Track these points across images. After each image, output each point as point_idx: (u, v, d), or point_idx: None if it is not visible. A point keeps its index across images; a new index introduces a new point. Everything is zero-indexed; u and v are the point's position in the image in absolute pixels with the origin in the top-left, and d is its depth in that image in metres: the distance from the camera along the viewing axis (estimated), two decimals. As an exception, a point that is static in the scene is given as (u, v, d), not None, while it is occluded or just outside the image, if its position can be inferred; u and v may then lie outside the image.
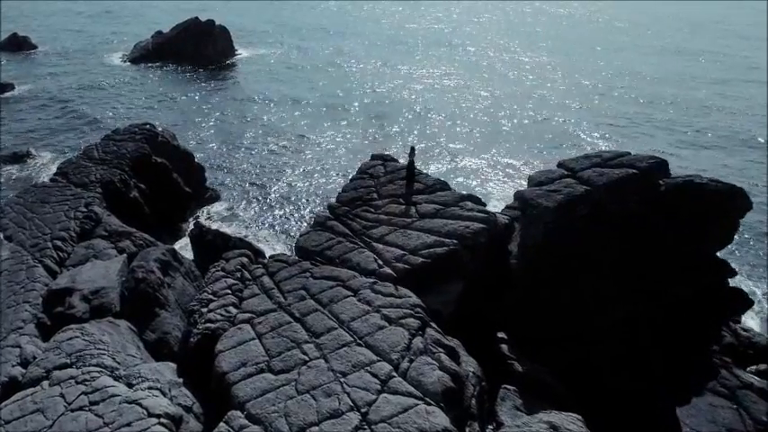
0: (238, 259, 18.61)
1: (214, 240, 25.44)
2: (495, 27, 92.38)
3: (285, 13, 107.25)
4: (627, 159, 14.75)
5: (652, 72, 61.76)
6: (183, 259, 22.66)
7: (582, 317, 14.39)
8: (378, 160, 19.81)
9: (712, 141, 41.42)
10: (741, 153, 39.28)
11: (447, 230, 15.30)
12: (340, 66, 67.17)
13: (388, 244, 15.90)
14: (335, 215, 17.98)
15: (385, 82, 58.95)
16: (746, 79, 57.71)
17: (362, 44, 79.41)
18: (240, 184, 34.50)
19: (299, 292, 15.69)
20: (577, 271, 14.28)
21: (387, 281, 14.73)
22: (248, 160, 37.99)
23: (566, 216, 14.21)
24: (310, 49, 75.95)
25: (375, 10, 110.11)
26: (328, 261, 16.34)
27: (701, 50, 72.45)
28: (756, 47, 73.07)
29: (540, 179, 15.45)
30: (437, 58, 70.32)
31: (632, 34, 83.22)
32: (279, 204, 31.65)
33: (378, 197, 17.91)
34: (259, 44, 77.43)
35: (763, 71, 60.53)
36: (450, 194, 16.84)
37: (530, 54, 71.24)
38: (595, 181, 14.37)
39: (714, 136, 42.05)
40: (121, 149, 29.70)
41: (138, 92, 53.98)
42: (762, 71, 60.82)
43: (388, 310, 13.75)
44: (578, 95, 53.08)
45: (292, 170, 36.37)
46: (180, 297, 21.11)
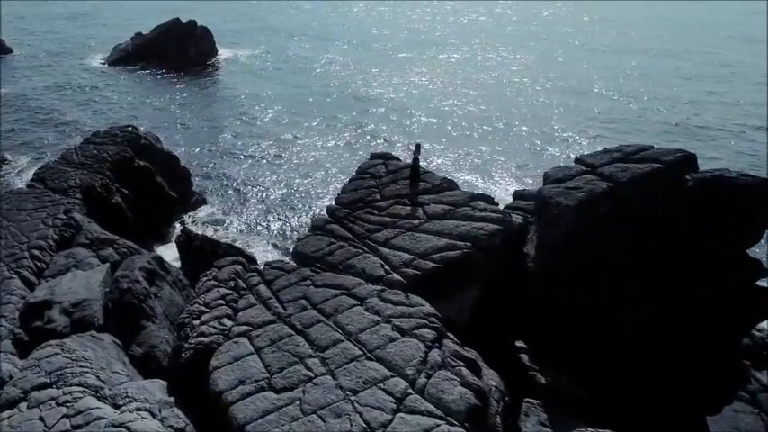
0: (231, 267, 17.43)
1: (202, 246, 24.24)
2: (478, 27, 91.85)
3: (265, 13, 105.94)
4: (651, 153, 13.90)
5: (634, 71, 61.45)
6: (170, 267, 21.50)
7: (603, 321, 13.51)
8: (378, 159, 18.78)
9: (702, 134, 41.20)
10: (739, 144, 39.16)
11: (459, 232, 14.31)
12: (324, 65, 66.18)
13: (394, 248, 14.86)
14: (335, 218, 16.91)
15: (370, 82, 58.09)
16: (729, 78, 57.63)
17: (345, 44, 78.48)
18: (227, 187, 33.24)
19: (300, 301, 14.58)
20: (598, 273, 13.39)
21: (396, 288, 13.70)
22: (235, 163, 36.74)
23: (587, 215, 13.31)
24: (293, 49, 74.87)
25: (356, 10, 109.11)
26: (330, 267, 15.25)
27: (684, 50, 72.46)
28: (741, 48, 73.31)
29: (557, 176, 14.54)
30: (421, 58, 69.55)
31: (615, 34, 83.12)
32: (269, 208, 30.42)
33: (380, 198, 16.87)
34: (241, 45, 76.09)
35: (745, 70, 60.57)
36: (459, 194, 15.86)
37: (514, 54, 70.66)
38: (618, 177, 13.49)
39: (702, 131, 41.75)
40: (102, 153, 28.40)
41: (118, 94, 52.41)
42: (744, 69, 60.88)
43: (400, 320, 12.71)
44: (564, 94, 52.55)
45: (281, 172, 35.18)
46: (168, 308, 19.96)
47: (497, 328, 13.94)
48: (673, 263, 13.26)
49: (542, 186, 14.59)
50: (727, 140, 40.05)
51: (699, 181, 13.07)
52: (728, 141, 39.96)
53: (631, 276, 13.38)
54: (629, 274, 13.39)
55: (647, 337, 13.62)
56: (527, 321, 13.93)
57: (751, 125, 43.78)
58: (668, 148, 13.90)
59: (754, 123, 44.21)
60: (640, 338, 13.61)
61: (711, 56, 69.15)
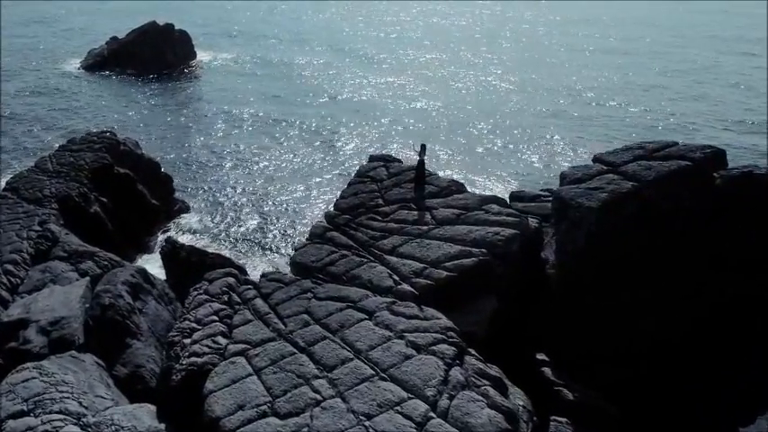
0: (224, 280, 16.27)
1: (189, 257, 23.02)
2: (457, 30, 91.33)
3: (243, 15, 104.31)
4: (676, 150, 13.15)
5: (617, 71, 61.33)
6: (154, 280, 20.30)
7: (627, 327, 12.70)
8: (378, 161, 17.76)
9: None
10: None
11: (473, 238, 13.36)
12: (305, 67, 65.13)
13: (403, 256, 13.85)
14: (335, 225, 15.85)
15: (353, 84, 57.13)
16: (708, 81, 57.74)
17: (324, 46, 77.45)
18: (213, 194, 31.91)
19: (302, 316, 13.50)
20: (621, 277, 12.58)
21: (407, 300, 12.69)
22: (219, 168, 35.42)
23: (610, 216, 12.48)
24: (272, 51, 73.71)
25: (333, 11, 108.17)
26: (333, 279, 14.20)
27: (664, 50, 72.72)
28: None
29: (576, 175, 13.70)
30: (402, 60, 68.78)
31: (594, 37, 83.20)
32: (259, 215, 29.13)
33: (384, 203, 15.86)
34: (220, 47, 74.62)
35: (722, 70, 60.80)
36: (470, 197, 14.92)
37: (494, 55, 70.14)
38: (643, 176, 12.69)
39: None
40: (79, 160, 27.01)
41: (95, 100, 50.62)
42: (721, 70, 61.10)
43: (415, 335, 11.70)
44: (548, 95, 52.08)
45: (269, 178, 33.93)
46: (153, 324, 18.80)
47: (515, 339, 13.01)
48: (698, 264, 12.50)
49: (560, 187, 13.74)
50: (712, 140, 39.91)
51: (728, 178, 12.34)
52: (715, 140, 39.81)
53: (655, 280, 12.61)
54: (654, 277, 12.62)
55: (671, 343, 12.82)
56: (547, 331, 13.03)
57: (733, 120, 44.01)
58: (695, 144, 13.17)
59: (734, 118, 44.52)
60: (665, 344, 12.80)
61: (690, 55, 69.47)
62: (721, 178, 12.29)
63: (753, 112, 46.26)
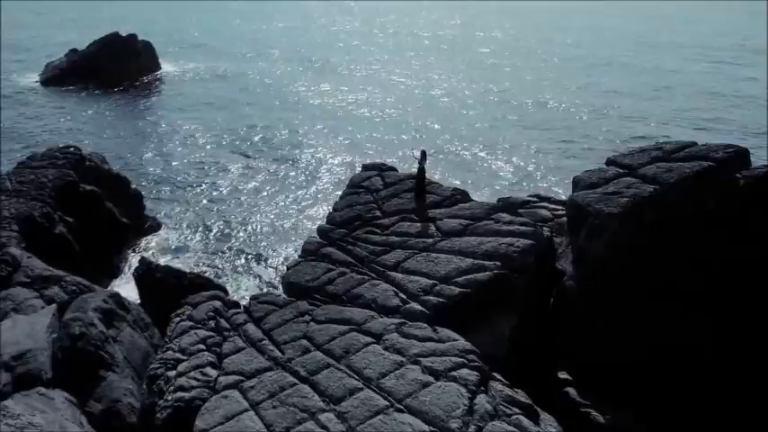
0: (209, 304, 14.96)
1: (165, 278, 21.53)
2: (423, 39, 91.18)
3: (209, 24, 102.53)
4: (696, 150, 12.50)
5: (581, 80, 61.58)
6: (129, 305, 18.80)
7: (654, 339, 11.85)
8: (372, 170, 16.71)
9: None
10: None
11: (485, 250, 12.41)
12: (274, 76, 63.93)
13: (408, 272, 12.81)
14: (330, 240, 14.72)
15: (322, 95, 56.15)
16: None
17: (292, 56, 76.33)
18: (187, 210, 30.27)
19: (301, 342, 12.31)
20: (646, 286, 11.78)
21: (417, 320, 11.63)
22: (193, 183, 33.79)
23: (632, 222, 11.71)
24: (239, 61, 72.41)
25: (299, 23, 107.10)
26: (332, 299, 13.07)
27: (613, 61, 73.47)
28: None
29: (591, 180, 12.90)
30: (368, 71, 68.18)
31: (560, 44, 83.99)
32: (239, 231, 27.59)
33: (382, 214, 14.81)
34: (185, 57, 72.76)
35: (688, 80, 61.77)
36: (476, 206, 13.99)
37: (455, 66, 69.69)
38: (664, 178, 11.97)
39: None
40: (41, 178, 25.24)
41: (55, 115, 48.25)
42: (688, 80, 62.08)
43: (431, 359, 10.65)
44: (512, 105, 51.77)
45: (248, 191, 32.45)
46: (130, 353, 17.33)
47: (535, 358, 12.09)
48: (724, 270, 11.79)
49: (575, 193, 12.92)
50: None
51: (753, 178, 11.70)
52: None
53: (679, 287, 11.83)
54: (677, 284, 11.84)
55: (698, 353, 12.06)
56: (568, 347, 12.15)
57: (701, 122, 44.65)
58: (717, 144, 12.53)
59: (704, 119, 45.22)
60: (691, 355, 12.03)
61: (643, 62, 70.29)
62: (744, 179, 11.68)
63: (717, 113, 47.22)
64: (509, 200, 17.41)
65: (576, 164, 35.88)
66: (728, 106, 49.73)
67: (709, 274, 11.78)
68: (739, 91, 54.87)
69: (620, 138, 41.50)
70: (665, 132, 42.21)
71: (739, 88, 55.85)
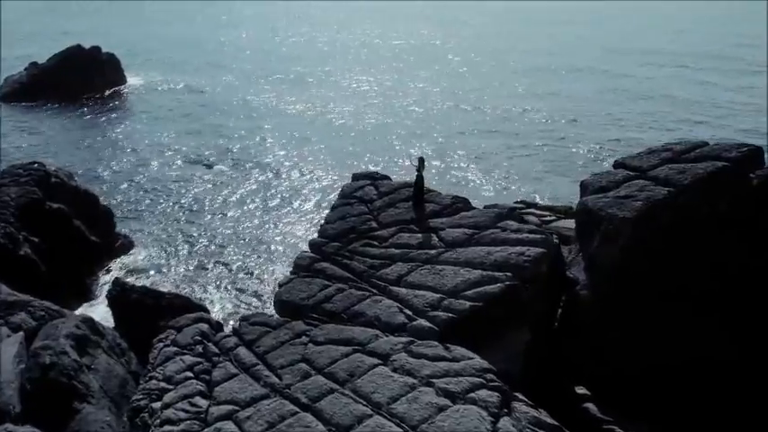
0: (195, 327, 13.91)
1: (141, 300, 20.38)
2: (390, 48, 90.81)
3: (175, 36, 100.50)
4: (709, 150, 12.10)
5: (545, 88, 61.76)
6: (103, 330, 17.64)
7: (672, 348, 11.32)
8: (365, 180, 15.91)
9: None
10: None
11: (494, 261, 11.73)
12: (243, 87, 62.80)
13: (413, 287, 12.04)
14: (324, 255, 13.85)
15: (293, 104, 55.25)
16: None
17: (256, 65, 75.28)
18: (162, 227, 28.92)
19: (300, 366, 11.40)
20: (661, 293, 11.27)
21: (426, 338, 10.85)
22: (163, 198, 32.43)
23: (646, 227, 11.19)
24: (206, 72, 70.93)
25: (270, 35, 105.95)
26: (331, 318, 12.21)
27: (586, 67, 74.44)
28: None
29: (600, 183, 12.38)
30: (338, 79, 67.46)
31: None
32: (219, 248, 26.31)
33: (378, 226, 14.01)
34: (152, 70, 71.00)
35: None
36: (480, 214, 13.32)
37: (421, 76, 69.03)
38: (677, 180, 11.51)
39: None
40: (2, 196, 23.88)
41: (16, 131, 46.13)
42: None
43: (445, 380, 9.87)
44: (482, 113, 51.68)
45: (226, 206, 31.21)
46: (106, 381, 16.26)
47: (549, 372, 11.43)
48: (740, 273, 11.36)
49: (584, 198, 12.36)
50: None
51: (765, 178, 11.32)
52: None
53: (696, 292, 11.36)
54: (693, 289, 11.36)
55: (716, 360, 11.58)
56: (580, 358, 11.53)
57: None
58: (729, 143, 12.17)
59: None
60: (710, 362, 11.55)
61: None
62: (758, 178, 11.31)
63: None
64: (495, 207, 16.82)
65: (555, 169, 35.88)
66: (696, 112, 50.51)
67: (724, 277, 11.34)
68: (695, 95, 55.83)
69: (595, 141, 41.59)
70: (638, 135, 42.63)
71: (698, 93, 56.85)
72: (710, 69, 67.39)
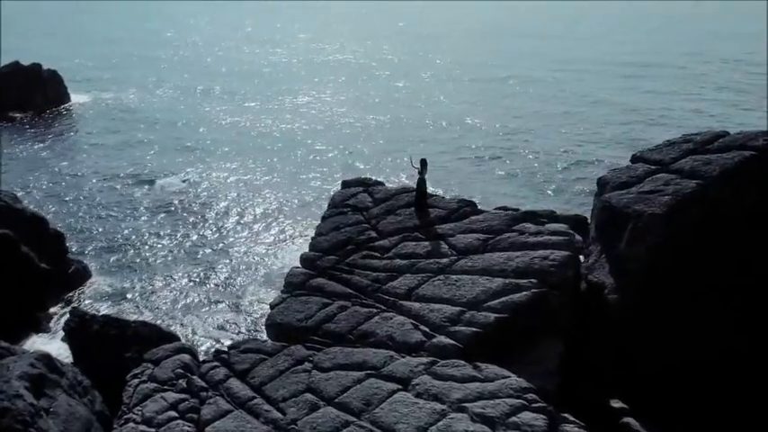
0: (175, 359, 12.31)
1: (103, 330, 18.40)
2: (334, 64, 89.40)
3: (119, 53, 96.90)
4: (731, 140, 11.52)
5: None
6: (63, 367, 15.69)
7: (708, 350, 10.54)
8: (357, 186, 14.69)
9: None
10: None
11: (516, 267, 10.73)
12: (192, 102, 60.67)
13: (426, 300, 10.88)
14: (319, 270, 12.54)
15: (241, 117, 53.52)
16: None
17: (199, 80, 73.18)
18: (115, 250, 26.69)
19: (305, 397, 10.03)
20: (693, 294, 10.51)
21: (449, 356, 9.69)
22: (115, 220, 30.10)
23: (677, 223, 10.44)
24: (151, 87, 68.40)
25: (220, 53, 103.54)
26: (335, 340, 10.92)
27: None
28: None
29: (620, 179, 11.61)
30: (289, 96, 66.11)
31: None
32: (185, 268, 24.25)
33: (378, 235, 12.81)
34: (94, 87, 67.89)
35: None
36: (492, 217, 12.30)
37: (370, 90, 67.79)
38: (705, 172, 10.85)
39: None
40: (-62, 222, 21.35)
41: (-48, 152, 42.64)
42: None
43: (480, 404, 8.73)
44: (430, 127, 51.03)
45: (179, 224, 29.13)
46: (67, 426, 14.40)
47: (582, 385, 10.44)
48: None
49: (605, 195, 11.54)
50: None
51: (790, 167, 10.77)
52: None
53: (728, 291, 10.65)
54: (725, 287, 10.66)
55: (756, 361, 10.86)
56: (612, 368, 10.60)
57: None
58: (754, 131, 11.58)
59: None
60: (749, 363, 10.83)
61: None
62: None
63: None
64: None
65: (510, 177, 35.08)
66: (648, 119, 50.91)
67: (756, 273, 10.69)
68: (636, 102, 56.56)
69: (545, 150, 40.72)
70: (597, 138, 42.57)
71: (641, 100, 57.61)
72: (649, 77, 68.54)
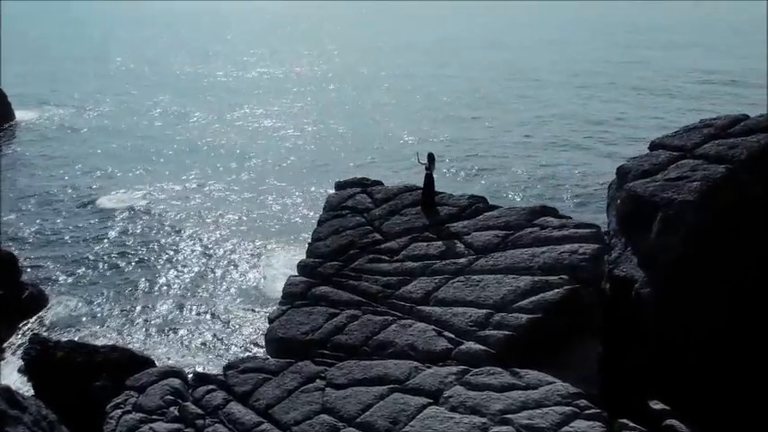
0: (163, 384, 10.99)
1: (68, 357, 16.82)
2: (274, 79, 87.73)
3: (68, 66, 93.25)
4: (754, 123, 11.15)
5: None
6: (24, 401, 14.09)
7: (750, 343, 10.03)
8: (353, 187, 13.70)
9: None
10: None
11: (543, 263, 9.98)
12: (144, 115, 58.62)
13: (447, 304, 9.99)
14: (322, 277, 11.50)
15: (184, 128, 52.01)
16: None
17: (164, 96, 71.00)
18: (72, 272, 24.71)
19: (320, 418, 8.95)
20: (727, 283, 10.00)
21: (482, 363, 8.80)
22: (69, 240, 28.06)
23: (708, 210, 9.93)
24: (98, 102, 65.81)
25: (177, 69, 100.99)
26: (348, 352, 9.87)
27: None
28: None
29: (643, 168, 11.06)
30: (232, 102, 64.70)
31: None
32: (150, 289, 22.53)
33: (383, 237, 11.85)
34: (41, 104, 64.67)
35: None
36: (508, 213, 11.53)
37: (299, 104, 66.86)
38: (731, 155, 10.43)
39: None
40: None
41: None
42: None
43: (526, 415, 7.86)
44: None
45: (140, 241, 27.34)
46: (33, 468, 12.71)
47: (621, 387, 9.73)
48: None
49: (629, 184, 10.95)
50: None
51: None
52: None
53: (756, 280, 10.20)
54: (753, 277, 10.20)
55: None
56: (650, 366, 9.96)
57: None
58: (773, 113, 11.28)
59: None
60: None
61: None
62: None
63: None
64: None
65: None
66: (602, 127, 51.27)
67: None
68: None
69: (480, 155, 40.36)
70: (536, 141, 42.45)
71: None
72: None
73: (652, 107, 51.81)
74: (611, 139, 42.39)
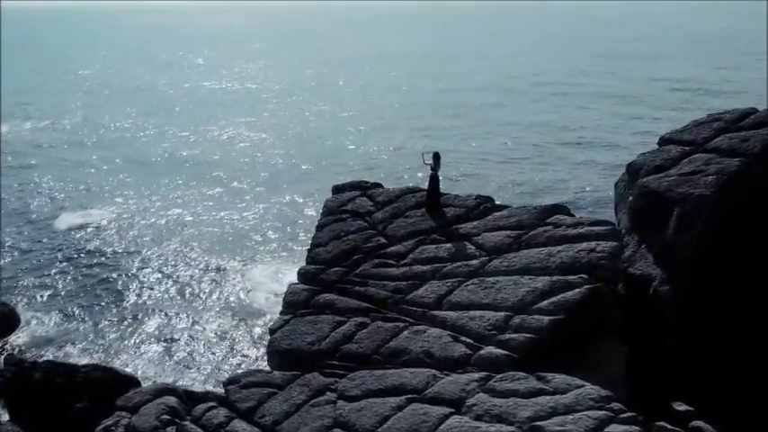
0: (158, 403, 10.28)
1: (47, 378, 15.91)
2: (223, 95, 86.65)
3: (44, 77, 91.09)
4: (765, 116, 11.08)
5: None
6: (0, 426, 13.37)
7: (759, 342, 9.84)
8: (353, 190, 13.22)
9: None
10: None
11: (561, 262, 9.64)
12: (123, 129, 57.36)
13: (461, 308, 9.58)
14: (325, 284, 10.96)
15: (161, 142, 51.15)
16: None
17: (143, 107, 69.77)
18: (41, 288, 23.52)
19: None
20: (743, 278, 9.82)
21: (504, 369, 8.38)
22: (41, 254, 26.80)
23: (724, 204, 9.75)
24: (66, 115, 64.23)
25: (161, 79, 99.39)
26: (359, 362, 9.34)
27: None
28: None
29: (655, 163, 10.87)
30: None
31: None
32: (126, 303, 21.60)
33: (388, 241, 11.38)
34: (17, 115, 63.01)
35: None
36: (519, 212, 11.19)
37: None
38: (744, 149, 10.31)
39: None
40: None
41: None
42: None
43: (557, 421, 7.46)
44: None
45: (117, 254, 26.33)
46: (12, 499, 11.90)
47: (646, 390, 9.41)
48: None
49: (642, 180, 10.71)
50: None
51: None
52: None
53: None
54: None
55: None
56: (672, 369, 9.68)
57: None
58: (786, 106, 11.23)
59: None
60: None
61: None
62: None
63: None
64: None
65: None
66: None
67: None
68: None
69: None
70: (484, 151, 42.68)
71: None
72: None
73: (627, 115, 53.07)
74: (587, 145, 43.12)
